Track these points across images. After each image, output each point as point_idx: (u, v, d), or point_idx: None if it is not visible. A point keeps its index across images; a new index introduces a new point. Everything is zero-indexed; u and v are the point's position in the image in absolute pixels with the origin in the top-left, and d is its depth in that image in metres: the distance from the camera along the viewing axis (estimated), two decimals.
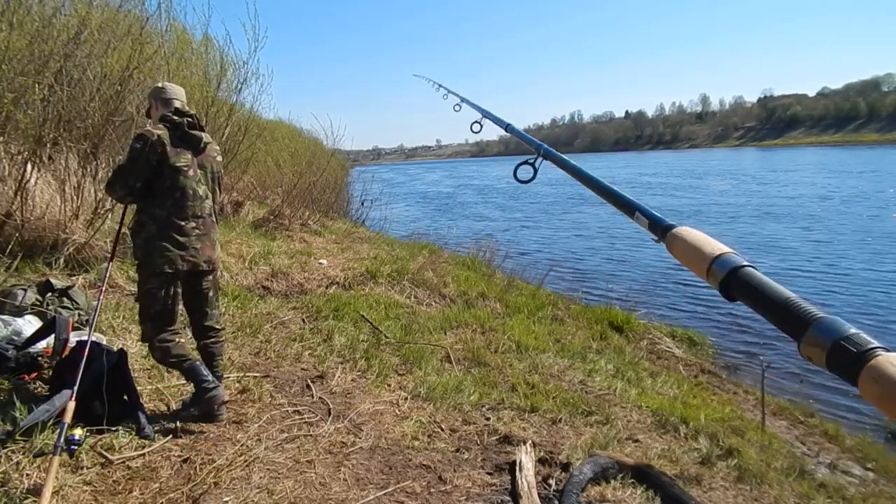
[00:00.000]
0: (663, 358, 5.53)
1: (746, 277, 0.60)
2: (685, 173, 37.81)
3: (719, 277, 0.63)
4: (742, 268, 0.61)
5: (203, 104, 6.33)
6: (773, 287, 0.57)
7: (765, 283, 0.58)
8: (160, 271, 2.40)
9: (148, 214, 2.40)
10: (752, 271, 0.60)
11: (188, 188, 2.43)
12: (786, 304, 0.54)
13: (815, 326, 0.50)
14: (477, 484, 2.41)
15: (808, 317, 0.52)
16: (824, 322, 0.50)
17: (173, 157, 2.39)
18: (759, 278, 0.59)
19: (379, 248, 7.68)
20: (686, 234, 0.73)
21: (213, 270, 2.62)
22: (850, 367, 0.47)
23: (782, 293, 0.56)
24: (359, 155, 41.50)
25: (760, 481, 2.94)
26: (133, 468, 2.19)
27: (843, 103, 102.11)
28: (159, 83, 2.63)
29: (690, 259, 0.70)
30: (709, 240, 0.70)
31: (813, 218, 15.54)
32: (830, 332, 0.49)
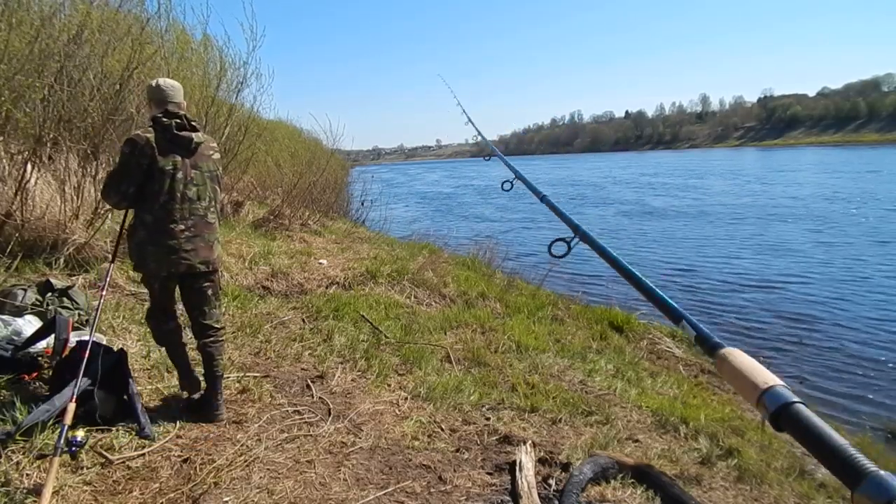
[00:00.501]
0: (663, 358, 5.53)
1: (797, 416, 0.64)
2: (686, 173, 37.69)
3: (770, 410, 0.67)
4: (793, 404, 0.65)
5: (203, 104, 6.33)
6: (825, 431, 0.61)
7: (816, 426, 0.62)
8: (153, 274, 2.47)
9: (139, 219, 2.41)
10: (802, 409, 0.65)
11: (177, 191, 2.40)
12: (838, 451, 0.59)
13: (870, 481, 0.54)
14: (477, 484, 2.41)
15: (861, 469, 0.56)
16: (879, 478, 0.54)
17: (161, 160, 2.36)
18: (810, 419, 0.63)
19: (379, 248, 7.68)
20: (736, 358, 0.77)
21: (212, 272, 2.59)
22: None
23: (834, 440, 0.60)
24: (359, 155, 41.53)
25: (760, 481, 2.94)
26: (133, 468, 2.19)
27: (843, 103, 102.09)
28: (153, 81, 2.56)
29: (740, 384, 0.74)
30: (760, 368, 0.73)
31: (821, 219, 15.22)
32: (886, 491, 0.53)
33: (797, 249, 11.66)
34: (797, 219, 15.60)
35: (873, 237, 12.46)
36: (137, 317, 3.66)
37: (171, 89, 2.49)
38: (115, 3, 4.79)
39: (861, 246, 11.65)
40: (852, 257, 10.66)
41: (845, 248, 11.49)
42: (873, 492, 0.53)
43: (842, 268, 9.94)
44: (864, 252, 11.05)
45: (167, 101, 2.46)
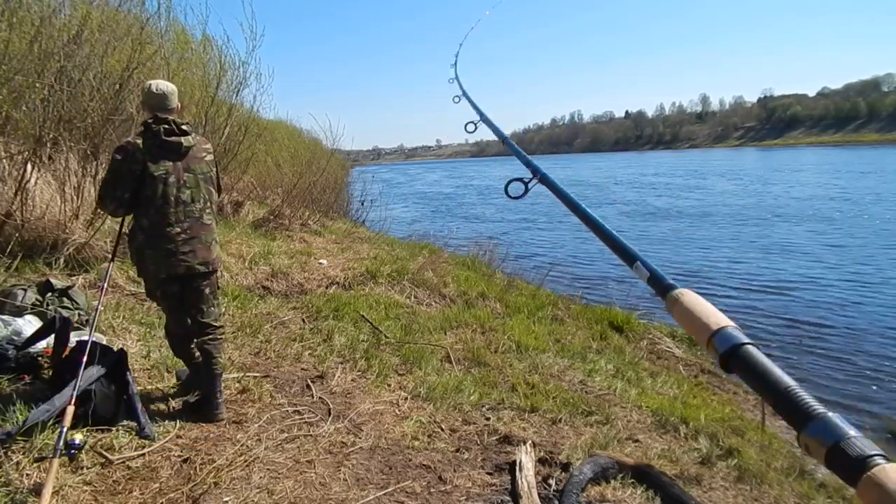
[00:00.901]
0: (663, 358, 5.53)
1: (747, 357, 0.62)
2: (688, 173, 37.52)
3: (720, 351, 0.64)
4: (743, 345, 0.63)
5: (203, 104, 6.33)
6: (774, 372, 0.59)
7: (766, 367, 0.60)
8: (154, 277, 2.49)
9: (137, 224, 2.46)
10: (752, 351, 0.62)
11: (170, 195, 2.43)
12: (786, 392, 0.56)
13: (817, 422, 0.52)
14: (477, 484, 2.41)
15: (809, 411, 0.54)
16: (826, 419, 0.52)
17: (153, 166, 2.39)
18: (760, 360, 0.61)
19: (379, 248, 7.68)
20: (688, 299, 0.74)
21: (212, 272, 2.62)
22: (849, 471, 0.49)
23: (783, 381, 0.57)
24: (359, 155, 41.54)
25: (760, 481, 2.94)
26: (133, 468, 2.19)
27: (843, 103, 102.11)
28: (146, 83, 2.57)
29: (691, 326, 0.71)
30: (711, 309, 0.71)
31: (828, 220, 14.96)
32: (832, 432, 0.51)
33: (805, 251, 11.40)
34: (803, 220, 15.36)
35: (882, 238, 12.22)
36: (137, 317, 3.66)
37: (165, 94, 2.49)
38: (115, 2, 4.79)
39: (871, 248, 11.37)
40: (862, 259, 10.44)
41: (855, 250, 11.21)
42: (820, 434, 0.51)
43: (852, 270, 9.68)
44: (874, 254, 10.80)
45: (159, 106, 2.47)
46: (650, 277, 0.83)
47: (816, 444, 0.51)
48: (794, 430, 0.54)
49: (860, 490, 0.47)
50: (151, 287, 2.56)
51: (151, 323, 3.59)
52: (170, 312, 2.65)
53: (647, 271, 0.85)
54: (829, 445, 0.50)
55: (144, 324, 3.58)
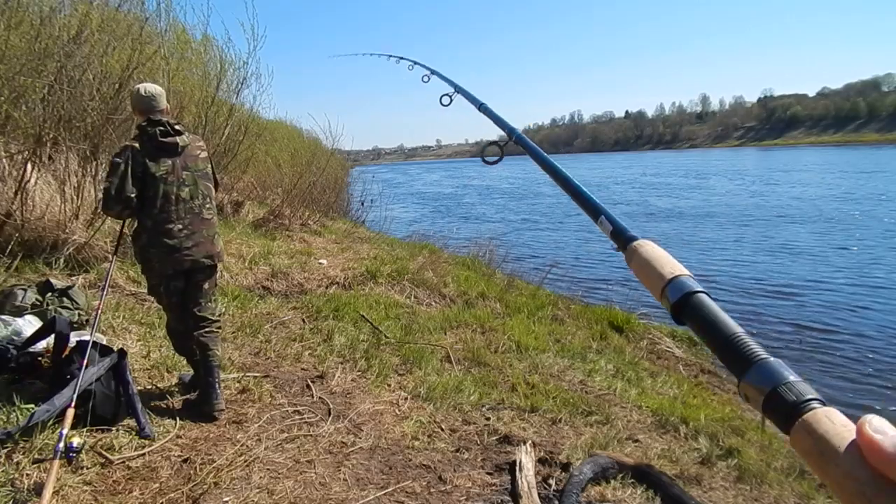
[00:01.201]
0: (663, 358, 5.53)
1: (697, 304, 0.59)
2: (689, 173, 37.36)
3: (671, 300, 0.61)
4: (695, 294, 0.60)
5: (203, 104, 6.32)
6: (722, 319, 0.56)
7: (714, 314, 0.57)
8: (159, 273, 2.57)
9: (141, 224, 2.54)
10: (703, 299, 0.59)
11: (171, 194, 2.53)
12: (730, 339, 0.54)
13: (757, 368, 0.50)
14: (477, 484, 2.41)
15: (751, 356, 0.51)
16: (766, 364, 0.50)
17: (153, 166, 2.49)
18: (709, 308, 0.58)
19: (379, 248, 7.67)
20: (646, 249, 0.71)
21: (215, 265, 2.73)
22: (784, 417, 0.47)
23: (729, 328, 0.55)
24: (359, 155, 41.52)
25: (760, 481, 2.94)
26: (133, 468, 2.19)
27: (843, 103, 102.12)
28: (136, 87, 2.66)
29: (646, 276, 0.68)
30: (668, 259, 0.67)
31: (834, 221, 14.65)
32: (770, 377, 0.49)
33: (812, 253, 11.15)
34: (808, 220, 15.10)
35: (890, 240, 11.97)
36: (137, 317, 3.66)
37: (154, 96, 2.58)
38: (114, 2, 4.79)
39: (880, 249, 11.13)
40: (870, 261, 10.21)
41: (862, 253, 10.92)
42: (758, 379, 0.49)
43: (861, 273, 9.42)
44: (882, 256, 10.58)
45: (150, 108, 2.56)
46: (612, 231, 0.81)
47: (755, 390, 0.49)
48: (736, 376, 0.52)
49: (793, 437, 0.45)
50: (156, 283, 2.63)
51: (151, 323, 3.59)
52: (172, 310, 2.69)
53: (611, 224, 0.83)
54: (767, 391, 0.48)
55: (144, 324, 3.58)
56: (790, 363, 0.55)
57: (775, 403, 0.48)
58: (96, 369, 2.39)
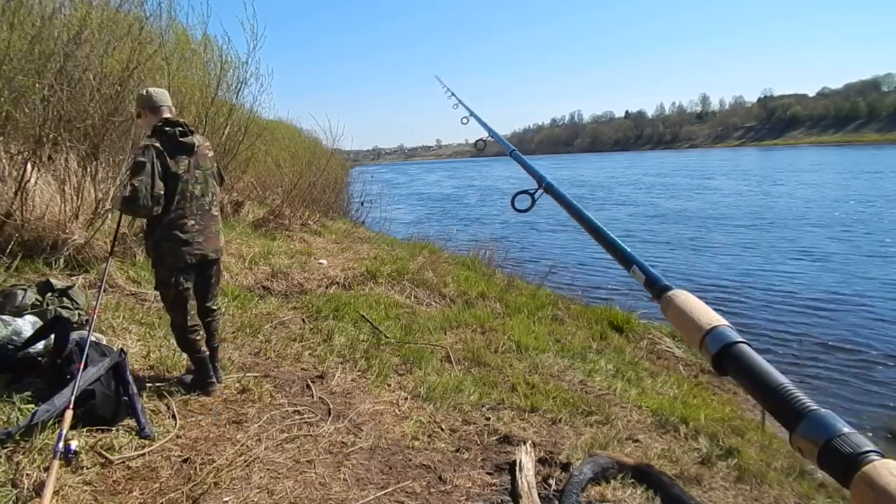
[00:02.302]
0: (663, 358, 5.53)
1: (739, 355, 0.59)
2: (692, 173, 37.10)
3: (712, 351, 0.62)
4: (735, 344, 0.60)
5: (203, 104, 6.32)
6: (766, 370, 0.56)
7: (757, 365, 0.57)
8: (171, 266, 2.67)
9: (155, 219, 2.63)
10: (745, 349, 0.60)
11: (187, 191, 2.67)
12: (777, 391, 0.54)
13: (808, 420, 0.50)
14: (477, 484, 2.41)
15: (801, 408, 0.51)
16: (818, 417, 0.50)
17: (172, 164, 2.61)
18: (752, 358, 0.58)
19: (379, 248, 7.68)
20: (681, 300, 0.72)
21: (219, 259, 2.91)
22: (842, 469, 0.46)
23: (774, 379, 0.55)
24: (359, 155, 41.49)
25: (760, 481, 2.94)
26: (133, 468, 2.19)
27: (843, 103, 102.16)
28: (144, 90, 2.77)
29: (684, 327, 0.69)
30: (704, 309, 0.68)
31: (850, 224, 14.04)
32: (823, 430, 0.49)
33: (837, 259, 10.49)
34: (826, 224, 14.52)
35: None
36: (137, 317, 3.66)
37: (163, 97, 2.74)
38: (115, 2, 4.79)
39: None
40: (891, 269, 9.56)
41: (885, 260, 10.23)
42: (811, 432, 0.49)
43: (885, 281, 8.75)
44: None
45: (163, 108, 2.71)
46: (646, 280, 0.82)
47: (808, 443, 0.49)
48: (787, 430, 0.52)
49: (853, 490, 0.44)
50: (166, 276, 2.70)
51: (151, 323, 3.59)
52: (179, 304, 2.75)
53: (644, 275, 0.83)
54: (821, 444, 0.48)
55: (144, 324, 3.58)
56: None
57: (831, 457, 0.47)
58: (96, 369, 2.39)
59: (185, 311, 2.76)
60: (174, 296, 2.73)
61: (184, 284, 2.72)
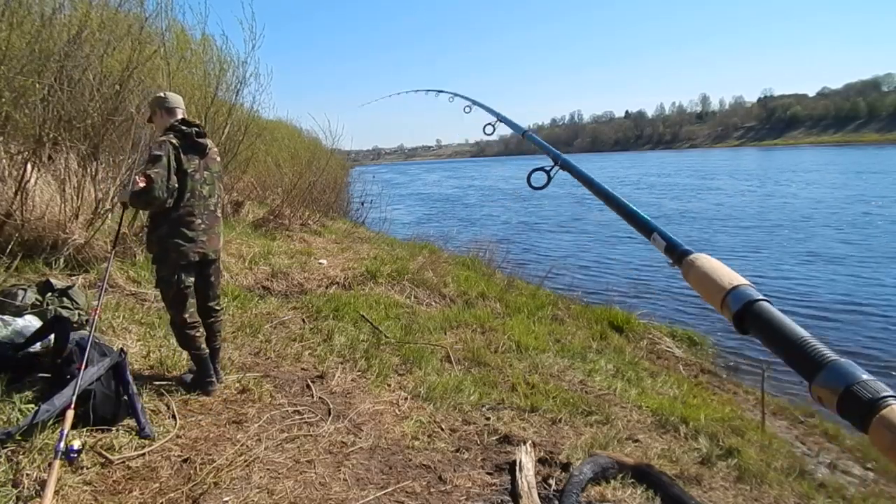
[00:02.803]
0: (663, 358, 5.53)
1: (760, 312, 0.60)
2: (694, 173, 36.84)
3: (733, 310, 0.62)
4: (756, 302, 0.61)
5: (203, 104, 6.32)
6: (788, 324, 0.57)
7: (779, 320, 0.58)
8: (174, 263, 2.70)
9: (163, 215, 2.67)
10: (766, 306, 0.60)
11: (196, 190, 2.74)
12: (799, 343, 0.54)
13: (828, 369, 0.50)
14: (477, 484, 2.41)
15: (821, 359, 0.51)
16: (837, 365, 0.50)
17: (185, 162, 2.68)
18: (773, 313, 0.59)
19: (379, 248, 7.68)
20: (702, 262, 0.72)
21: (217, 259, 2.93)
22: (861, 414, 0.47)
23: (796, 332, 0.55)
24: (359, 155, 41.43)
25: (760, 481, 2.94)
26: (133, 468, 2.19)
27: (843, 103, 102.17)
28: (160, 93, 2.88)
29: (705, 288, 0.69)
30: (725, 270, 0.69)
31: (862, 226, 13.59)
32: (843, 377, 0.49)
33: (847, 261, 10.08)
34: (834, 224, 14.15)
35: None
36: (137, 317, 3.66)
37: (178, 100, 2.86)
38: (114, 2, 4.79)
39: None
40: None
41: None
42: (830, 381, 0.49)
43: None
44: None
45: (178, 110, 2.81)
46: (666, 247, 0.83)
47: (828, 391, 0.50)
48: (807, 380, 0.52)
49: (872, 433, 0.45)
50: (167, 274, 2.72)
51: (151, 323, 3.59)
52: (179, 302, 2.77)
53: (664, 241, 0.84)
54: (840, 391, 0.48)
55: (144, 324, 3.58)
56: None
57: (850, 403, 0.48)
58: (96, 369, 2.39)
59: (185, 309, 2.79)
60: (175, 293, 2.75)
61: (185, 282, 2.76)
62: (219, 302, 3.05)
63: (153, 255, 2.76)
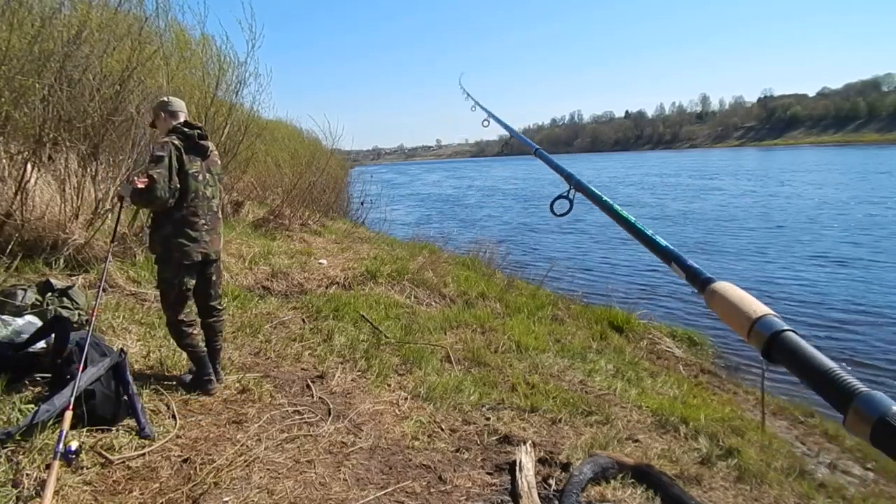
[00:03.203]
0: (663, 358, 5.53)
1: (788, 343, 0.62)
2: (696, 173, 36.67)
3: (761, 340, 0.64)
4: (784, 332, 0.63)
5: (203, 104, 6.32)
6: (815, 356, 0.59)
7: (807, 351, 0.60)
8: (178, 263, 2.72)
9: (167, 216, 2.70)
10: (793, 336, 0.62)
11: (199, 191, 2.77)
12: (829, 375, 0.56)
13: (859, 401, 0.52)
14: (477, 484, 2.41)
15: (851, 390, 0.54)
16: (868, 397, 0.52)
17: (188, 164, 2.72)
18: (800, 345, 0.61)
19: (379, 248, 7.67)
20: (726, 291, 0.74)
21: (218, 258, 2.96)
22: (894, 443, 0.49)
23: (824, 363, 0.58)
24: (359, 155, 41.39)
25: (760, 481, 2.94)
26: (133, 468, 2.19)
27: (843, 103, 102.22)
28: (164, 98, 2.94)
29: (731, 318, 0.72)
30: (749, 299, 0.71)
31: (875, 226, 13.26)
32: (875, 408, 0.51)
33: (858, 264, 9.78)
34: (841, 226, 13.80)
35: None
36: (137, 317, 3.66)
37: (181, 105, 2.92)
38: (114, 2, 4.79)
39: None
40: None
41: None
42: (864, 413, 0.51)
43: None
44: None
45: (180, 113, 2.86)
46: (687, 275, 0.84)
47: (862, 424, 0.51)
48: (839, 411, 0.54)
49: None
50: (170, 276, 2.74)
51: (151, 323, 3.59)
52: (179, 303, 2.80)
53: (684, 270, 0.85)
54: (874, 422, 0.50)
55: (144, 324, 3.58)
56: None
57: (884, 433, 0.50)
58: (96, 369, 2.39)
59: (183, 309, 2.81)
60: (176, 295, 2.78)
61: (186, 284, 2.78)
62: (220, 301, 3.07)
63: (156, 255, 2.78)
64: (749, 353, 6.03)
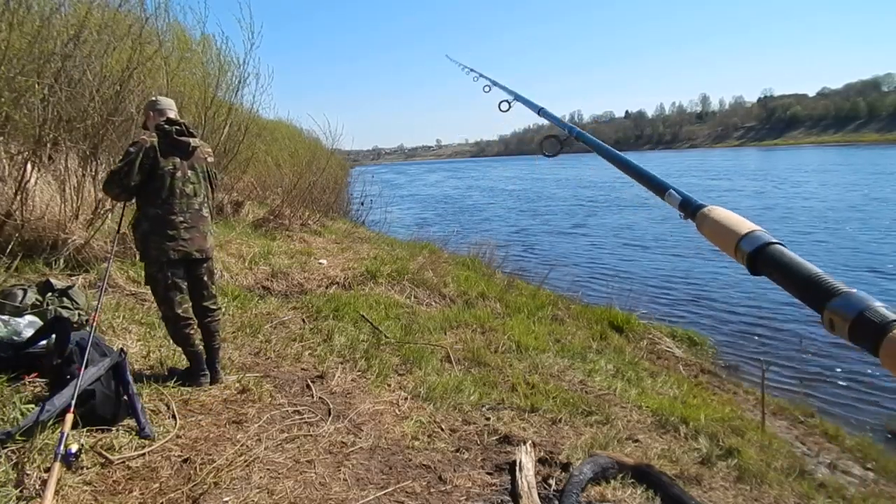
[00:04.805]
0: (663, 358, 5.53)
1: (774, 253, 0.62)
2: (699, 174, 36.40)
3: (747, 252, 0.64)
4: (771, 244, 0.63)
5: (202, 104, 6.32)
6: (801, 262, 0.59)
7: (792, 259, 0.60)
8: (156, 260, 2.74)
9: (143, 213, 2.75)
10: (780, 248, 0.62)
11: (176, 188, 2.75)
12: (812, 277, 0.56)
13: (841, 298, 0.52)
14: (477, 484, 2.41)
15: (834, 289, 0.53)
16: (849, 295, 0.52)
17: (163, 161, 2.71)
18: (786, 254, 0.61)
19: (379, 248, 7.67)
20: (717, 213, 0.75)
21: (206, 259, 2.92)
22: (872, 339, 0.48)
23: (808, 268, 0.58)
24: (359, 155, 41.39)
25: (760, 481, 2.94)
26: (133, 468, 2.18)
27: (843, 103, 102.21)
28: (152, 97, 2.99)
29: (719, 236, 0.71)
30: (739, 218, 0.71)
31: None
32: (855, 304, 0.51)
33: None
34: (871, 227, 13.28)
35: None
36: (137, 317, 3.66)
37: (169, 103, 2.93)
38: (114, 2, 4.79)
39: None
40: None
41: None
42: (843, 307, 0.51)
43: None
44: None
45: (167, 111, 2.86)
46: (681, 202, 0.86)
47: (840, 317, 0.51)
48: (818, 310, 0.53)
49: (883, 356, 0.47)
50: (153, 271, 2.76)
51: (151, 323, 3.59)
52: (168, 297, 2.80)
53: (679, 196, 0.87)
54: (853, 317, 0.50)
55: (144, 324, 3.58)
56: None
57: (861, 327, 0.49)
58: (96, 369, 2.38)
59: (175, 304, 2.81)
60: (163, 289, 2.78)
61: (171, 278, 2.78)
62: (215, 301, 3.04)
63: (139, 252, 2.82)
64: (749, 353, 6.04)
